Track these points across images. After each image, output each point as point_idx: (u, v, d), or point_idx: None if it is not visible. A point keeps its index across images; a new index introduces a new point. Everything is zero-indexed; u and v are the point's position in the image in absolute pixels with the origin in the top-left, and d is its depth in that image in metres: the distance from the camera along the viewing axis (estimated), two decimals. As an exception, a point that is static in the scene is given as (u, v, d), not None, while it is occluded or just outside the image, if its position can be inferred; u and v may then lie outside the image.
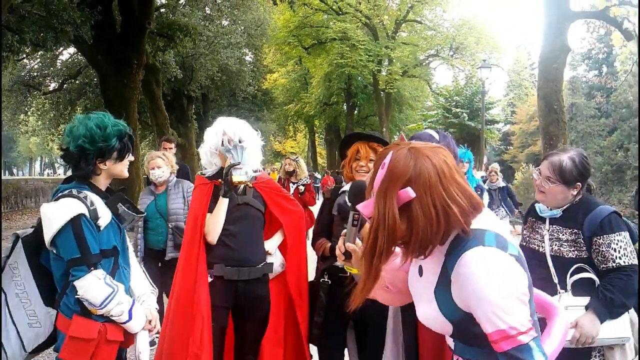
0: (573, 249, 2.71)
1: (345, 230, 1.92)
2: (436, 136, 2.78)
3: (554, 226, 2.80)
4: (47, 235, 2.40)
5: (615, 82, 33.11)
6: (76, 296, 2.40)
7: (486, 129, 25.05)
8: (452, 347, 1.81)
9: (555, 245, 2.76)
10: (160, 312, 3.69)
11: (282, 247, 3.34)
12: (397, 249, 1.74)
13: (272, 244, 3.28)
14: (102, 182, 2.58)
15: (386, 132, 28.95)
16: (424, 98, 35.58)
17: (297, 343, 3.25)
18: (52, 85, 24.73)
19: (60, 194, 2.45)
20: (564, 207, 2.79)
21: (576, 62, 38.92)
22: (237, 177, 3.00)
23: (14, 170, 79.33)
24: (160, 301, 4.85)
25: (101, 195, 2.53)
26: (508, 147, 48.30)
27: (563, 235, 2.75)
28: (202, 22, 20.48)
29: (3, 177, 44.18)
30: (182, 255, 3.13)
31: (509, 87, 50.36)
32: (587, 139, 34.01)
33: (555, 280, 2.70)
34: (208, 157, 3.22)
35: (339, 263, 1.99)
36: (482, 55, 28.26)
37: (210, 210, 3.10)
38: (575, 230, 2.71)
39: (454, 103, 28.63)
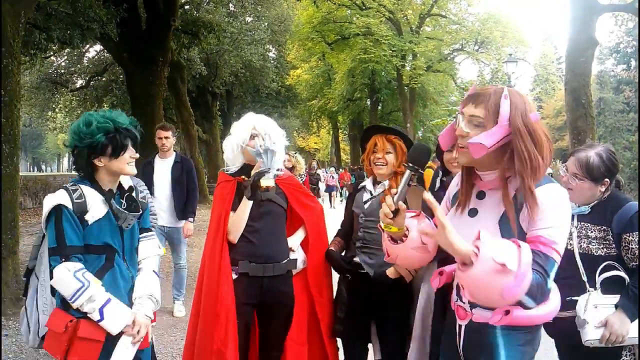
0: (602, 246, 2.66)
1: (398, 189, 2.07)
2: None
3: (582, 223, 2.75)
4: (43, 224, 2.53)
5: (644, 75, 32.43)
6: (51, 282, 2.47)
7: (512, 124, 24.69)
8: (468, 301, 2.06)
9: (584, 242, 2.72)
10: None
11: (304, 244, 3.33)
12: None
13: (295, 241, 3.28)
14: (106, 178, 2.60)
15: (410, 127, 28.79)
16: (448, 93, 35.27)
17: (320, 340, 3.25)
18: (79, 83, 25.09)
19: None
20: (592, 204, 2.74)
21: (604, 56, 38.20)
22: (265, 181, 2.98)
23: (43, 166, 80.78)
24: None
25: (101, 191, 2.56)
26: (534, 143, 47.63)
27: (592, 232, 2.70)
28: (226, 19, 20.58)
29: (32, 173, 44.99)
30: (206, 253, 3.14)
31: (536, 81, 49.74)
32: (615, 133, 33.45)
33: (584, 279, 2.66)
34: (233, 150, 3.18)
35: (382, 222, 2.14)
36: (508, 50, 27.91)
37: (234, 208, 3.09)
38: (604, 227, 2.67)
39: (479, 98, 28.34)
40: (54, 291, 2.58)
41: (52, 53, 18.24)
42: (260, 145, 3.02)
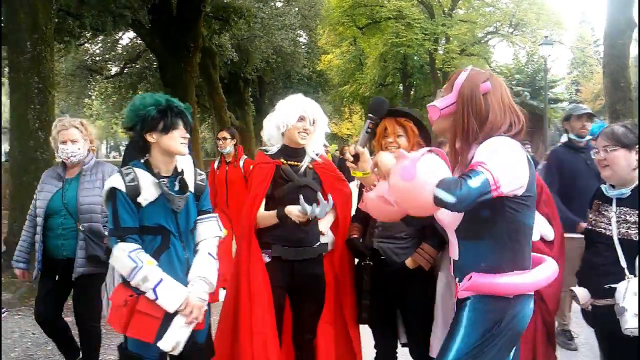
0: (642, 231, 2.58)
1: (360, 136, 2.39)
2: None
3: (622, 208, 2.68)
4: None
5: (687, 57, 31.35)
6: (109, 261, 2.62)
7: (549, 108, 24.26)
8: (454, 272, 2.23)
9: (623, 227, 2.63)
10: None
11: (333, 228, 3.34)
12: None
13: (325, 225, 3.28)
14: (159, 158, 2.69)
15: (443, 112, 28.34)
16: (483, 77, 34.61)
17: (343, 323, 3.27)
18: (114, 70, 25.37)
19: None
20: (632, 187, 2.66)
21: (644, 37, 36.98)
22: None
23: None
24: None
25: (153, 174, 2.65)
26: (572, 127, 46.57)
27: (631, 217, 2.62)
28: (256, 4, 20.50)
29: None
30: (240, 235, 3.19)
31: (573, 64, 48.46)
32: (656, 117, 32.46)
33: (623, 265, 2.58)
34: (273, 130, 3.19)
35: (352, 167, 2.50)
36: (543, 32, 27.17)
37: (269, 193, 3.11)
38: None
39: (515, 82, 27.74)
40: None
41: (86, 40, 18.45)
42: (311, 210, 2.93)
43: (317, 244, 3.20)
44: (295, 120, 3.09)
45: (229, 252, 5.50)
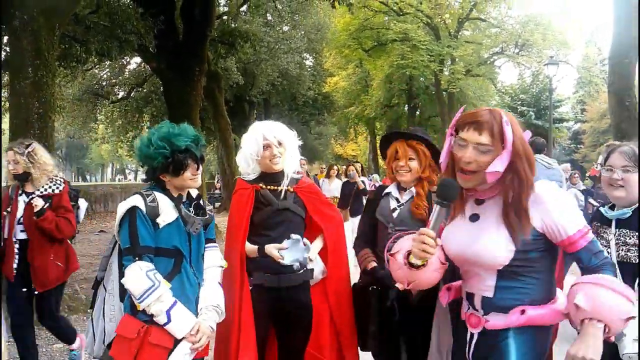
0: (641, 254, 2.52)
1: (431, 225, 2.07)
2: None
3: (621, 230, 2.62)
4: (115, 229, 2.64)
5: (694, 76, 31.22)
6: (121, 281, 2.51)
7: (554, 128, 24.21)
8: (481, 307, 2.16)
9: (622, 250, 2.58)
10: None
11: (323, 254, 3.25)
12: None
13: (313, 251, 3.16)
14: (174, 190, 2.70)
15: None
16: (488, 97, 34.68)
17: (338, 353, 3.17)
18: (121, 94, 25.56)
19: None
20: (634, 207, 2.60)
21: (650, 57, 36.88)
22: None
23: (87, 177, 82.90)
24: None
25: (171, 197, 2.67)
26: (579, 146, 46.46)
27: (630, 239, 2.56)
28: (263, 29, 20.73)
29: (75, 183, 46.16)
30: (231, 265, 3.09)
31: (579, 84, 48.40)
32: (663, 136, 32.27)
33: None
34: (248, 163, 3.15)
35: (415, 258, 2.13)
36: (549, 52, 27.26)
37: (252, 217, 3.05)
38: None
39: (520, 102, 27.71)
40: (123, 296, 2.65)
41: (92, 66, 18.62)
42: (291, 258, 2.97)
43: (302, 270, 3.10)
44: (262, 149, 3.06)
45: None
